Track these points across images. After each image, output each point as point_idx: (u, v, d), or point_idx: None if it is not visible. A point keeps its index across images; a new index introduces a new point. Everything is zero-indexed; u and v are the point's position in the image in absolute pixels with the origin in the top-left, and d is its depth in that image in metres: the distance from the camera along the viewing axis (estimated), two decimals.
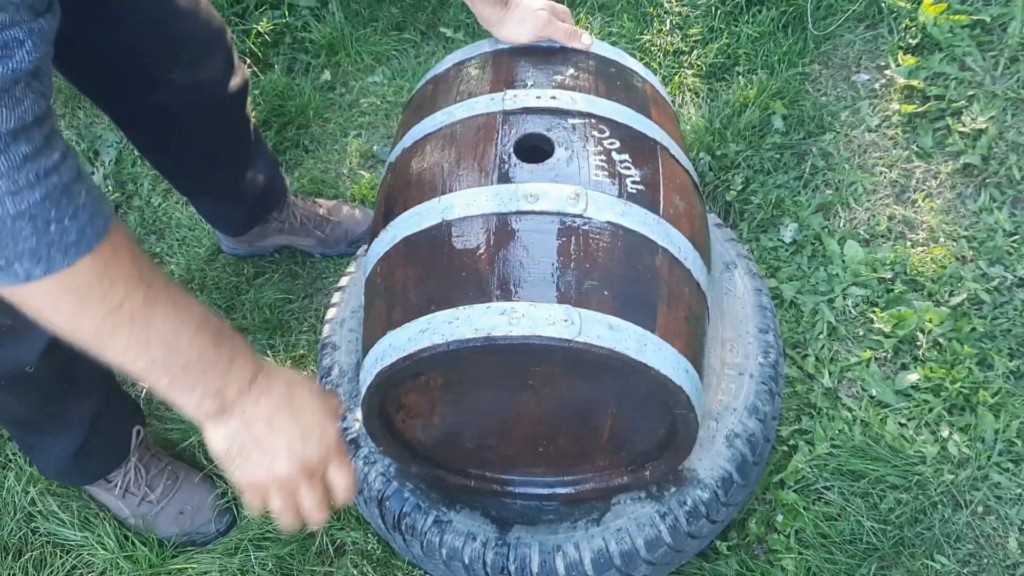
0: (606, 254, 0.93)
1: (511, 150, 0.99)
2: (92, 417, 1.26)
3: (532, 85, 1.06)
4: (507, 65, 1.10)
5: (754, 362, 1.19)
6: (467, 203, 0.96)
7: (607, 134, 1.02)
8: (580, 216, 0.94)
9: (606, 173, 0.98)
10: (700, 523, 1.13)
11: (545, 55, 1.11)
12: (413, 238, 0.97)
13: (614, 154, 1.00)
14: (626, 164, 1.00)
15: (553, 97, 1.04)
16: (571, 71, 1.09)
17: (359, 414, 1.20)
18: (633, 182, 0.99)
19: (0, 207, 0.53)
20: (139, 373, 0.65)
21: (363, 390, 0.97)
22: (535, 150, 1.01)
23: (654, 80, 1.18)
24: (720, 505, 1.14)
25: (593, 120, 1.03)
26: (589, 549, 1.10)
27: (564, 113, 1.03)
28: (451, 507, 1.14)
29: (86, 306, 0.60)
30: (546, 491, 1.13)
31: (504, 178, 0.97)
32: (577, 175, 0.97)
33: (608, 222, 0.94)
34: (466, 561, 1.12)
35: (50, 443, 1.26)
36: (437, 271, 0.94)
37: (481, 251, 0.93)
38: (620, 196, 0.97)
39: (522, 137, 1.01)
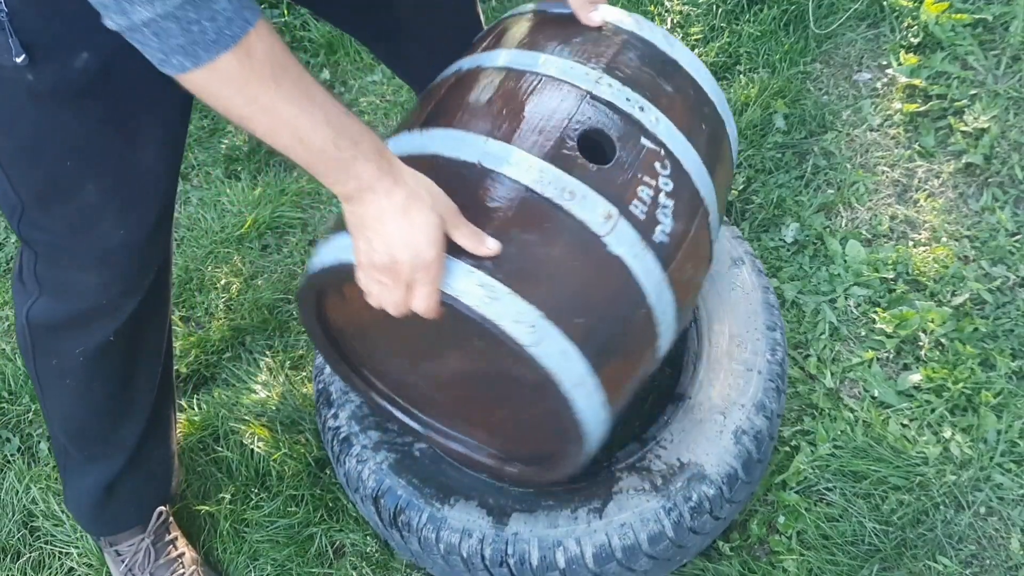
0: (598, 284, 0.93)
1: (576, 136, 0.96)
2: (135, 446, 1.26)
3: (626, 82, 1.01)
4: (609, 45, 1.04)
5: (762, 359, 1.20)
6: (511, 161, 0.92)
7: (668, 172, 1.00)
8: (599, 238, 0.93)
9: (645, 209, 0.96)
10: (704, 519, 1.12)
11: (651, 55, 1.06)
12: (443, 161, 0.93)
13: (662, 196, 0.98)
14: (666, 211, 0.98)
15: (641, 108, 1.00)
16: (669, 88, 1.04)
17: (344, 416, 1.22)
18: (663, 231, 0.97)
19: (152, 9, 0.67)
20: (280, 151, 0.78)
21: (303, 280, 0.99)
22: (595, 145, 0.98)
23: (733, 134, 1.14)
24: (724, 502, 1.14)
25: (663, 152, 1.00)
26: (591, 544, 1.09)
27: (642, 129, 0.99)
28: (445, 501, 1.13)
29: (231, 95, 0.74)
30: (450, 443, 1.12)
31: (556, 158, 0.94)
32: (619, 195, 0.95)
33: (618, 256, 0.93)
34: (464, 555, 1.11)
35: (88, 469, 1.28)
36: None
37: (494, 214, 0.90)
38: (643, 238, 0.95)
39: (592, 129, 0.97)
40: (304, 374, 1.55)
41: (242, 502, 1.43)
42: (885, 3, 1.83)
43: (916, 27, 1.79)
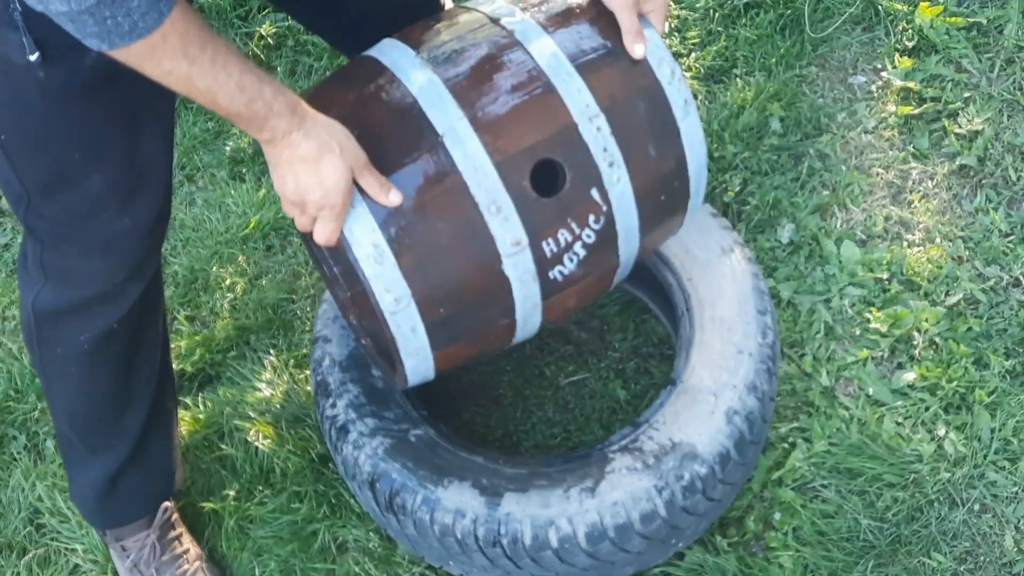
0: (476, 290, 1.02)
1: (537, 161, 1.01)
2: (137, 437, 1.29)
3: (616, 132, 1.03)
4: (627, 85, 1.05)
5: (753, 341, 1.22)
6: (466, 151, 0.99)
7: (598, 227, 1.04)
8: (499, 257, 1.01)
9: (554, 250, 1.03)
10: (696, 498, 1.14)
11: (660, 113, 1.06)
12: (407, 97, 1.01)
13: (577, 245, 1.05)
14: (574, 258, 1.05)
15: (611, 164, 1.03)
16: (652, 152, 1.06)
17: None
18: (560, 272, 1.05)
19: (68, 5, 0.76)
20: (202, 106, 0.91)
21: None
22: (549, 166, 1.02)
23: (696, 205, 1.16)
24: (717, 482, 1.15)
25: (605, 209, 1.04)
26: (584, 523, 1.11)
27: (598, 181, 1.02)
28: (439, 483, 1.15)
29: (145, 69, 0.85)
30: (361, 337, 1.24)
31: (506, 169, 1.00)
32: (538, 230, 1.01)
33: (507, 278, 1.02)
34: (458, 536, 1.13)
35: (92, 461, 1.30)
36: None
37: (424, 183, 0.99)
38: (538, 272, 1.03)
39: (554, 160, 1.02)
40: (307, 372, 1.57)
41: (246, 499, 1.45)
42: (880, 7, 1.85)
43: (910, 31, 1.81)
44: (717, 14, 1.91)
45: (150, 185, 1.09)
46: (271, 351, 1.61)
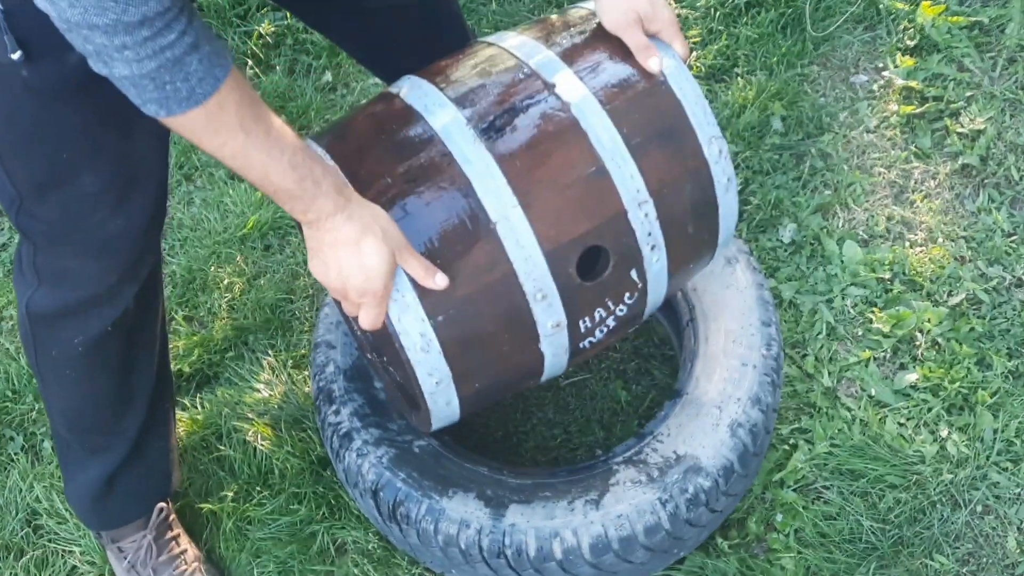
0: (513, 369, 1.06)
1: (585, 247, 1.01)
2: (135, 438, 1.28)
3: (661, 218, 1.03)
4: (673, 165, 1.04)
5: (757, 353, 1.21)
6: (520, 242, 0.98)
7: (632, 301, 1.07)
8: (538, 338, 1.03)
9: (589, 325, 1.06)
10: (700, 511, 1.14)
11: (703, 191, 1.06)
12: (469, 193, 0.98)
13: (611, 319, 1.07)
14: (605, 329, 1.08)
15: (652, 248, 1.04)
16: (691, 230, 1.08)
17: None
18: (591, 341, 1.08)
19: (130, 69, 0.78)
20: (252, 183, 0.91)
21: None
22: (593, 249, 1.03)
23: (717, 255, 1.18)
24: (720, 494, 1.15)
25: (641, 287, 1.06)
26: (588, 535, 1.11)
27: (638, 263, 1.04)
28: (443, 493, 1.15)
29: (202, 140, 0.85)
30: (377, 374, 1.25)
31: (555, 259, 1.00)
32: (577, 311, 1.03)
33: (542, 353, 1.05)
34: (462, 547, 1.13)
35: (89, 462, 1.29)
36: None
37: (474, 271, 0.98)
38: (571, 344, 1.06)
39: (601, 247, 1.03)
40: (306, 373, 1.56)
41: (244, 500, 1.44)
42: (881, 6, 1.84)
43: (912, 29, 1.80)
44: (718, 13, 1.90)
45: (144, 185, 1.07)
46: (269, 351, 1.60)
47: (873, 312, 1.51)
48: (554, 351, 1.05)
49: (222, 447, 1.49)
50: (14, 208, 1.05)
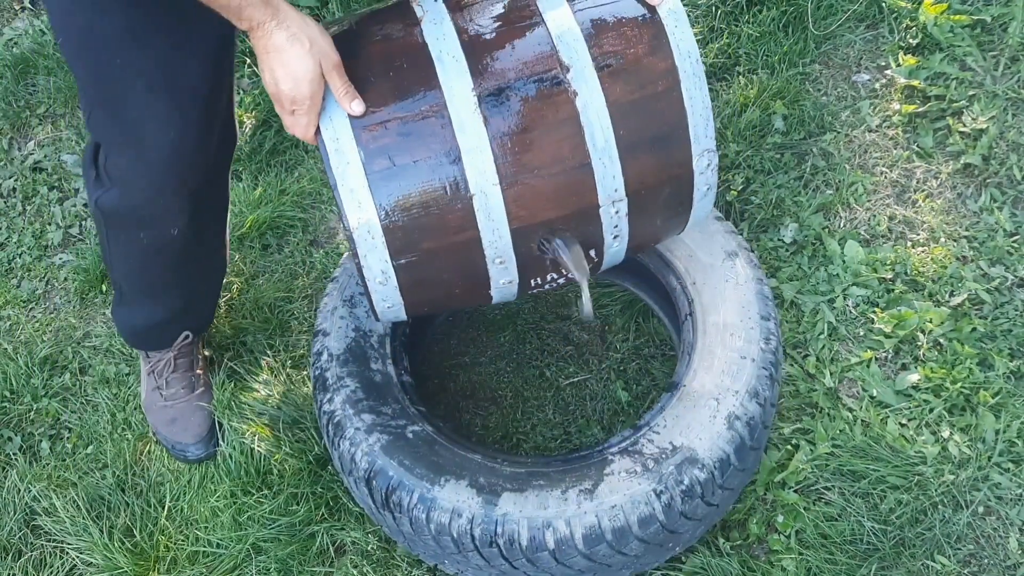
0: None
1: (552, 231, 1.07)
2: (181, 308, 1.44)
3: (632, 211, 1.07)
4: (658, 170, 1.09)
5: (756, 347, 1.21)
6: (496, 237, 1.03)
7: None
8: (488, 282, 1.11)
9: (538, 282, 1.13)
10: (695, 503, 1.13)
11: (682, 184, 1.10)
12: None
13: (558, 281, 1.14)
14: (554, 283, 1.14)
15: (615, 237, 1.08)
16: (658, 220, 1.13)
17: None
18: (540, 290, 1.15)
19: None
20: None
21: None
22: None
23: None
24: (716, 487, 1.14)
25: (594, 258, 1.12)
26: (581, 525, 1.10)
27: (598, 244, 1.08)
28: (436, 481, 1.14)
29: None
30: None
31: (519, 230, 1.06)
32: (528, 274, 1.10)
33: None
34: (454, 535, 1.12)
35: (135, 310, 1.45)
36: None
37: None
38: (519, 294, 1.12)
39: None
40: (305, 374, 1.56)
41: (243, 500, 1.43)
42: (884, 4, 1.84)
43: (915, 28, 1.79)
44: (719, 11, 1.89)
45: (192, 104, 1.15)
46: (268, 351, 1.59)
47: (875, 312, 1.50)
48: (502, 296, 1.15)
49: (221, 446, 1.49)
50: (86, 113, 1.18)
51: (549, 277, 1.13)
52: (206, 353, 1.59)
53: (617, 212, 1.06)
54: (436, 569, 1.33)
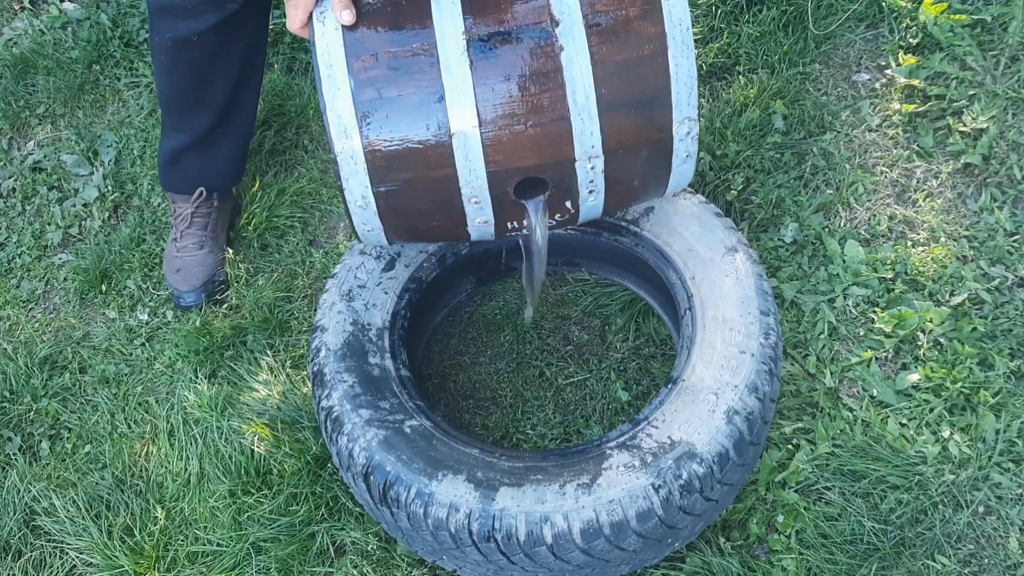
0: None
1: (527, 173, 1.08)
2: (203, 134, 1.60)
3: (608, 170, 1.10)
4: (640, 156, 1.13)
5: (755, 342, 1.21)
6: (469, 165, 1.06)
7: (563, 218, 1.16)
8: (465, 224, 1.15)
9: (513, 226, 1.16)
10: (694, 498, 1.13)
11: (661, 153, 1.14)
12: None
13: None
14: (531, 229, 1.17)
15: (591, 192, 1.12)
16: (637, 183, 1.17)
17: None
18: (516, 233, 1.18)
19: None
20: None
21: None
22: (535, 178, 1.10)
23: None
24: (715, 482, 1.14)
25: (571, 209, 1.16)
26: (579, 520, 1.10)
27: (573, 195, 1.11)
28: (433, 476, 1.14)
29: None
30: None
31: (497, 171, 1.07)
32: (504, 221, 1.13)
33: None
34: (452, 530, 1.12)
35: (169, 133, 1.63)
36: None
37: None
38: (496, 235, 1.17)
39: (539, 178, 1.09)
40: (304, 373, 1.56)
41: (243, 500, 1.43)
42: (884, 4, 1.84)
43: (915, 28, 1.79)
44: (719, 10, 1.89)
45: None
46: (268, 351, 1.59)
47: (875, 312, 1.50)
48: (480, 235, 1.19)
49: (220, 446, 1.49)
50: None
51: (526, 221, 1.16)
52: (228, 233, 1.74)
53: (593, 168, 1.09)
54: (436, 569, 1.33)
